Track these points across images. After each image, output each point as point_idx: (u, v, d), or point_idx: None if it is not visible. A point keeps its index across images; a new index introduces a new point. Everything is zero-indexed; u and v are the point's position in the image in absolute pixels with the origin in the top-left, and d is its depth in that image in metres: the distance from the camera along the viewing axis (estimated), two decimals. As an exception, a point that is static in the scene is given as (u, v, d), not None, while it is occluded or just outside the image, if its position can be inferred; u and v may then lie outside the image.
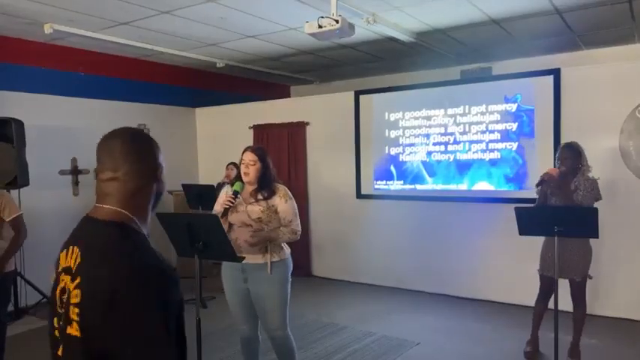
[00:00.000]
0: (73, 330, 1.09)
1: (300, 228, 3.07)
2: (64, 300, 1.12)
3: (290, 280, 3.10)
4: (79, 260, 1.14)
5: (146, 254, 1.14)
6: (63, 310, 1.12)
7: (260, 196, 3.00)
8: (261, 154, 3.04)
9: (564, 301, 3.78)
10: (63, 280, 1.15)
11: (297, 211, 3.08)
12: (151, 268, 1.11)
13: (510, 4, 4.62)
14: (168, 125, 7.26)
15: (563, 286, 3.80)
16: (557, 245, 3.31)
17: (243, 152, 3.08)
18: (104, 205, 1.20)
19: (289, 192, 3.11)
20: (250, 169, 2.99)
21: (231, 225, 3.02)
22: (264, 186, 3.02)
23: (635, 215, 4.64)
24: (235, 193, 2.98)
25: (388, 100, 6.10)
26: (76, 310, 1.09)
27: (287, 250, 3.13)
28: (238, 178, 3.08)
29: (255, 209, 2.97)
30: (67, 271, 1.15)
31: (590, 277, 3.75)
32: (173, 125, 7.37)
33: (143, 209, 1.24)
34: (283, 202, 3.02)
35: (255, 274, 2.98)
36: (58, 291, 1.16)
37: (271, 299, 2.99)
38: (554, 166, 3.77)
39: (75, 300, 1.09)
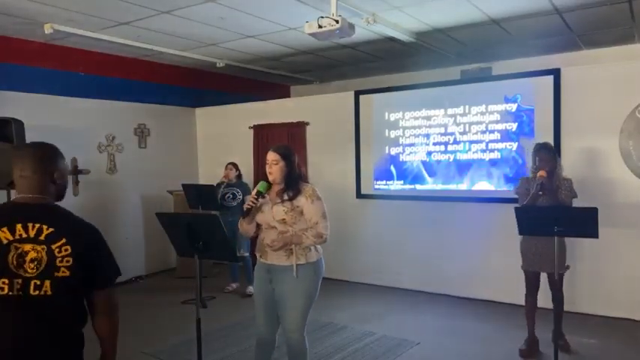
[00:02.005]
0: (61, 273, 1.65)
1: (327, 231, 2.91)
2: (32, 259, 1.64)
3: (318, 284, 2.98)
4: (49, 230, 1.66)
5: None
6: (32, 269, 1.64)
7: (285, 196, 2.90)
8: (284, 153, 2.94)
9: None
10: (19, 247, 1.64)
11: (325, 212, 2.94)
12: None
13: (510, 4, 4.62)
14: (168, 125, 7.26)
15: (546, 281, 3.94)
16: (556, 243, 3.38)
17: (267, 152, 2.99)
18: (33, 195, 1.73)
19: (318, 192, 2.96)
20: (273, 169, 2.91)
21: (259, 225, 2.96)
22: (290, 186, 2.91)
23: (634, 215, 4.63)
24: (258, 194, 2.89)
25: (388, 100, 6.10)
26: (68, 259, 1.66)
27: (316, 252, 2.98)
28: (265, 178, 2.98)
29: (279, 210, 2.88)
30: (28, 240, 1.65)
31: (569, 267, 3.93)
32: (173, 125, 7.37)
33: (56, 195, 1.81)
34: (309, 202, 2.89)
35: (280, 276, 2.90)
36: (13, 256, 1.63)
37: (293, 301, 2.89)
38: (532, 167, 3.93)
39: (65, 253, 1.66)
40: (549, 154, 3.83)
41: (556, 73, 5.02)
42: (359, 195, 6.30)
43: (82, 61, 6.12)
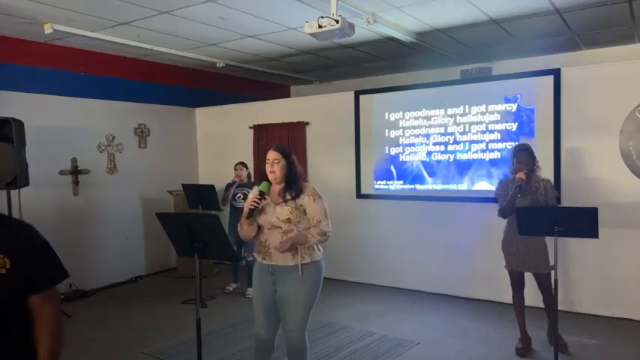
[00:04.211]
0: None
1: (330, 229, 2.92)
2: None
3: (321, 283, 2.96)
4: None
5: None
6: None
7: (288, 196, 2.89)
8: (284, 152, 2.95)
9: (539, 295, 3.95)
10: None
11: (327, 210, 2.95)
12: None
13: (510, 4, 4.62)
14: (168, 125, 7.26)
15: (532, 281, 3.99)
16: (555, 241, 3.38)
17: (267, 152, 2.98)
18: None
19: (318, 190, 2.97)
20: (276, 168, 2.89)
21: (260, 227, 2.92)
22: (291, 185, 2.91)
23: (634, 215, 4.63)
24: (261, 194, 2.86)
25: (388, 100, 6.10)
26: None
27: (319, 251, 2.98)
28: (264, 178, 2.96)
29: (284, 210, 2.86)
30: None
31: (554, 268, 3.83)
32: (173, 125, 7.38)
33: None
34: (312, 201, 2.89)
35: (285, 276, 2.87)
36: None
37: (297, 299, 2.86)
38: (510, 168, 3.99)
39: None
40: (528, 155, 3.88)
41: (556, 73, 5.02)
42: (359, 195, 6.30)
43: (82, 61, 6.12)
